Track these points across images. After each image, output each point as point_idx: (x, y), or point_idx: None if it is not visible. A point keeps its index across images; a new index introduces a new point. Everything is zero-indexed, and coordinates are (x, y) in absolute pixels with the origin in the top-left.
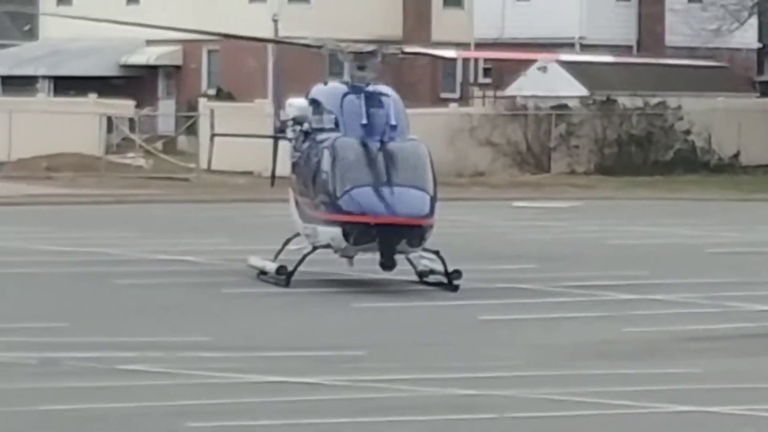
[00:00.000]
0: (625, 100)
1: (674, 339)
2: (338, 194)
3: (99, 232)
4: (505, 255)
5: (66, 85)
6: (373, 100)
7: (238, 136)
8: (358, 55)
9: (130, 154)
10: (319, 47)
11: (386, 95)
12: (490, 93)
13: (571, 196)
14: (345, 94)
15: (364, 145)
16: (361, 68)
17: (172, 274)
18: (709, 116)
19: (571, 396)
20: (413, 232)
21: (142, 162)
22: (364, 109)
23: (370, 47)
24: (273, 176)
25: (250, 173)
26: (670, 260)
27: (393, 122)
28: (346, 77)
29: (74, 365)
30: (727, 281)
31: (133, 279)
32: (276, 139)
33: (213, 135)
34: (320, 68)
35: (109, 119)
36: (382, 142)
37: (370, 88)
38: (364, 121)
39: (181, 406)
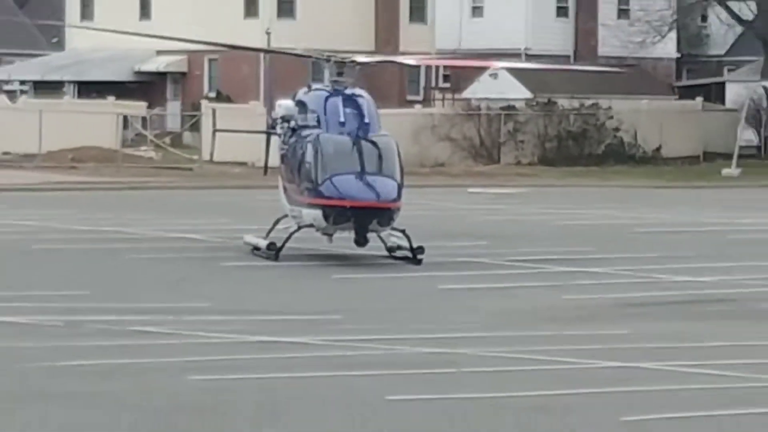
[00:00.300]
0: (563, 102)
1: (609, 305)
2: (319, 181)
3: (116, 214)
4: (462, 233)
5: (88, 89)
6: (350, 102)
7: (236, 132)
8: (338, 64)
9: (143, 148)
10: (308, 57)
11: (361, 97)
12: (449, 96)
13: (518, 184)
14: (326, 97)
15: (342, 140)
16: (339, 74)
17: (179, 249)
18: (634, 116)
19: (520, 354)
20: (383, 214)
21: (152, 154)
22: (341, 108)
23: (348, 57)
24: (266, 166)
25: (244, 164)
26: (603, 238)
27: (366, 120)
28: (327, 82)
29: (94, 327)
30: (652, 256)
31: (145, 254)
32: (268, 134)
33: (215, 131)
34: (304, 74)
35: (125, 118)
36: (357, 137)
37: (348, 91)
38: (342, 119)
39: (185, 362)
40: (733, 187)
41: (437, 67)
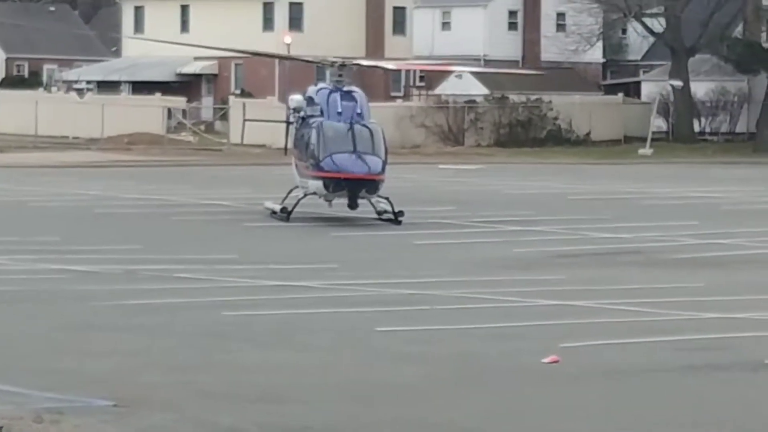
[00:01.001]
0: (513, 97)
1: (548, 256)
2: (321, 158)
3: (162, 185)
4: (433, 200)
5: (140, 87)
6: (346, 96)
7: (262, 121)
8: (338, 67)
9: (183, 133)
10: (314, 62)
11: (355, 92)
12: (423, 92)
13: (478, 162)
14: (328, 92)
15: (339, 126)
16: (339, 75)
17: (211, 213)
18: (569, 108)
19: (479, 294)
20: (371, 184)
21: (190, 139)
22: (340, 102)
23: (345, 62)
24: (285, 147)
25: (263, 146)
26: (544, 204)
27: (359, 111)
28: (329, 81)
29: (146, 274)
30: (582, 218)
31: (184, 217)
32: (287, 123)
33: (245, 120)
34: (311, 75)
35: (169, 110)
36: (351, 124)
37: (345, 88)
38: (340, 110)
39: (217, 301)
40: (647, 164)
41: (415, 70)
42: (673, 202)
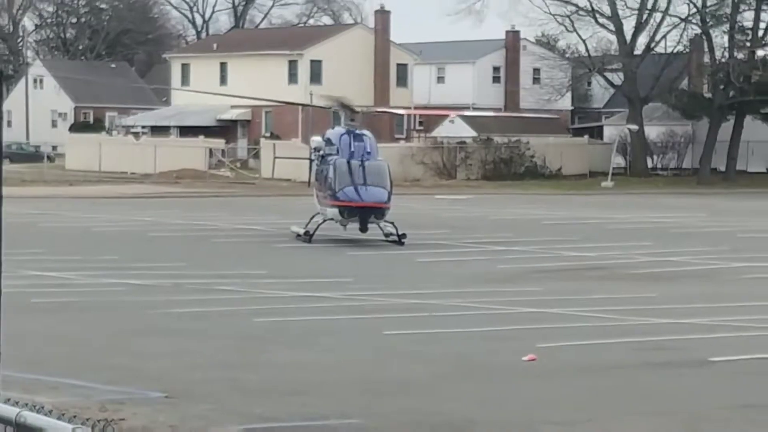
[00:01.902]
0: (497, 139)
1: (526, 271)
2: (337, 190)
3: (204, 213)
4: (431, 225)
5: (186, 131)
6: (358, 138)
7: (287, 158)
8: (351, 113)
9: (222, 169)
10: (329, 108)
11: (366, 135)
12: (422, 135)
13: (468, 193)
14: (342, 134)
15: (352, 163)
16: (352, 120)
17: (245, 235)
18: (544, 147)
19: (470, 303)
20: (378, 211)
21: (228, 174)
22: (352, 143)
23: (357, 108)
24: (309, 180)
25: (289, 180)
26: (523, 228)
27: (368, 150)
28: (343, 125)
29: (190, 287)
30: (555, 239)
31: (223, 239)
32: (310, 160)
33: (275, 157)
34: (328, 120)
35: (210, 150)
36: (362, 161)
37: (357, 131)
38: (352, 150)
39: (250, 310)
40: (609, 194)
41: (415, 116)
42: (631, 226)
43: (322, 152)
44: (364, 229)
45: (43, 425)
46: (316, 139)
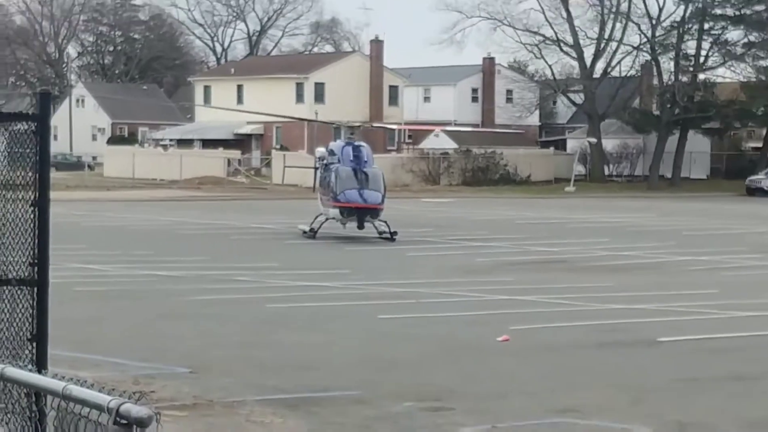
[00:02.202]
0: (476, 150)
1: (501, 264)
2: (338, 193)
3: (223, 214)
4: (419, 224)
5: (207, 143)
6: (356, 149)
7: (297, 167)
8: (351, 127)
9: (238, 177)
10: (332, 123)
11: (363, 146)
12: (411, 147)
13: (450, 196)
14: (343, 146)
15: (351, 170)
16: (351, 134)
17: (259, 233)
18: (515, 158)
19: (452, 291)
20: (373, 211)
21: (244, 180)
22: (351, 153)
23: (356, 123)
24: (314, 186)
25: (296, 185)
26: (498, 226)
27: (365, 159)
28: (343, 138)
29: (211, 277)
30: (525, 236)
31: (240, 236)
32: (314, 168)
33: (285, 166)
34: (330, 134)
35: (228, 160)
36: (360, 168)
37: (355, 143)
38: (351, 159)
39: (263, 297)
40: (571, 198)
41: (405, 130)
42: (590, 225)
43: (325, 161)
44: (361, 226)
45: (85, 397)
46: (321, 150)
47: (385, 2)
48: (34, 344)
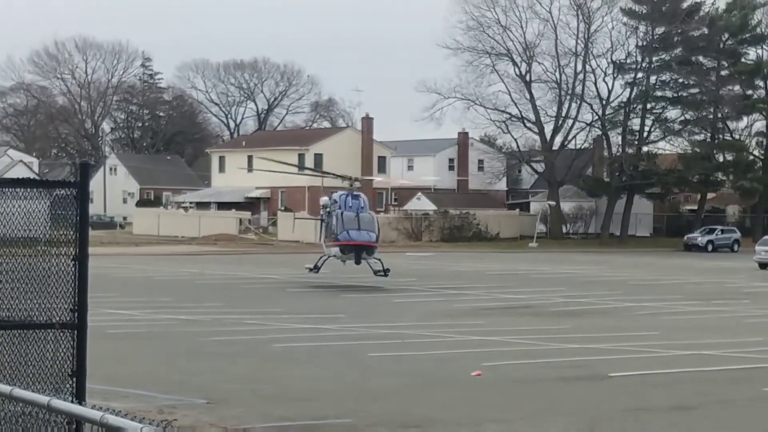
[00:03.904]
0: (452, 211)
1: (474, 309)
2: (338, 233)
3: (235, 266)
4: (403, 275)
5: (222, 206)
6: (355, 197)
7: (305, 218)
8: (350, 180)
9: (249, 234)
10: (342, 178)
11: (361, 195)
12: (396, 208)
13: (430, 251)
14: (343, 195)
15: (350, 214)
16: (351, 185)
17: (266, 283)
18: (486, 218)
19: (433, 332)
20: (368, 248)
21: (253, 237)
22: (351, 200)
23: (351, 177)
24: (319, 236)
25: (298, 241)
26: (471, 277)
27: (362, 205)
28: (344, 189)
29: (227, 320)
30: (495, 285)
31: (250, 285)
32: (321, 220)
33: (295, 218)
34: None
35: (240, 219)
36: (357, 213)
37: (355, 192)
38: (350, 205)
39: (270, 338)
40: (534, 252)
41: (391, 191)
42: (550, 276)
43: (328, 209)
44: (357, 262)
45: (120, 425)
46: (324, 199)
47: (375, 85)
48: (74, 379)
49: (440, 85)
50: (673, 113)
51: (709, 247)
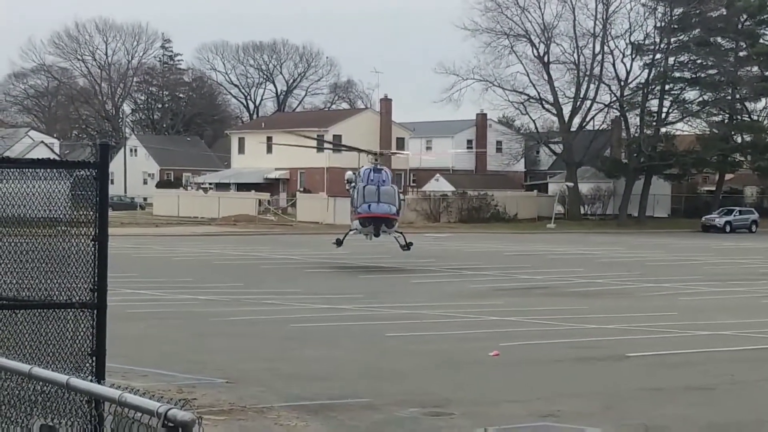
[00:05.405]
0: (470, 192)
1: (491, 290)
2: (358, 206)
3: (255, 247)
4: (422, 256)
5: (242, 187)
6: (377, 171)
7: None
8: (373, 155)
9: (268, 215)
10: (365, 151)
11: (384, 169)
12: (415, 189)
13: (448, 232)
14: (367, 170)
15: (371, 187)
16: (375, 159)
17: (285, 263)
18: (504, 198)
19: (449, 312)
20: (387, 221)
21: (273, 218)
22: (373, 174)
23: (376, 151)
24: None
25: (317, 222)
26: (489, 257)
27: (384, 179)
28: (368, 163)
29: (245, 300)
30: (513, 266)
31: (269, 265)
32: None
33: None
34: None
35: (259, 200)
36: (378, 186)
37: (378, 166)
38: (372, 179)
39: (288, 318)
40: (552, 233)
41: (410, 173)
42: (568, 257)
43: (353, 183)
44: (377, 234)
45: (138, 403)
46: (349, 173)
47: (393, 67)
48: (94, 358)
49: (458, 66)
50: (691, 94)
51: (727, 228)
